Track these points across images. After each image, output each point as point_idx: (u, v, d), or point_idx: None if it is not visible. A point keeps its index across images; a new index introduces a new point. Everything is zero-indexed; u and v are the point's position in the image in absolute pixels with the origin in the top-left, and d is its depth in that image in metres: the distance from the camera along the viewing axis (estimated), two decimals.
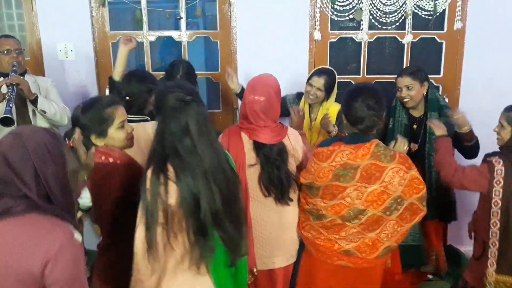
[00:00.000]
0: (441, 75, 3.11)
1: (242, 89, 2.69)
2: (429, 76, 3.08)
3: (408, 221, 1.82)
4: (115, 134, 1.66)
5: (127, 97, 1.94)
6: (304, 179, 1.91)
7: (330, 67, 2.77)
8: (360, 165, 1.75)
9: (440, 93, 3.11)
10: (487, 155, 2.07)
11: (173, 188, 1.38)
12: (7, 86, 2.31)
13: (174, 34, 3.13)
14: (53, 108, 2.50)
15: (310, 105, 2.71)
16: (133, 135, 1.74)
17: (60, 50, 3.00)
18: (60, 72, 3.02)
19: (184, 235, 1.40)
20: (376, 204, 1.75)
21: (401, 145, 2.02)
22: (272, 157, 1.98)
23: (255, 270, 2.06)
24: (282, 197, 2.01)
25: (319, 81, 2.60)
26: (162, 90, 1.49)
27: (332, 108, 2.65)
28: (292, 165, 2.04)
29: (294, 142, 2.03)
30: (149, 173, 1.40)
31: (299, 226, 2.02)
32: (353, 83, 3.12)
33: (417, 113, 2.54)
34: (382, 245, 1.82)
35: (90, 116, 1.64)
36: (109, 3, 3.02)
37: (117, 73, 2.47)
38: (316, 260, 1.93)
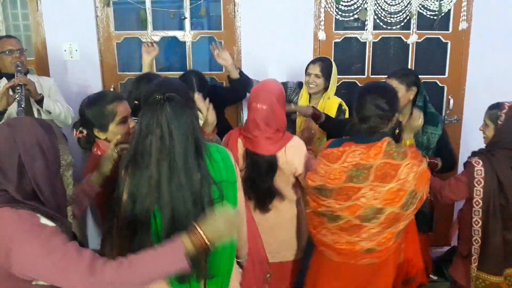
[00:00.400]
0: (446, 75, 3.09)
1: (241, 74, 2.70)
2: (433, 76, 3.10)
3: (417, 209, 1.84)
4: (116, 129, 1.73)
5: (136, 101, 1.98)
6: (313, 181, 1.85)
7: (324, 56, 2.80)
8: (373, 164, 1.72)
9: (445, 93, 3.10)
10: (473, 154, 2.11)
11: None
12: (15, 87, 2.30)
13: (178, 34, 3.13)
14: (58, 108, 2.50)
15: (310, 96, 2.72)
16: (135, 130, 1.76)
17: (65, 50, 3.01)
18: (64, 72, 3.03)
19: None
20: (394, 202, 1.74)
21: (416, 117, 2.04)
22: (256, 169, 2.00)
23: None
24: (260, 206, 2.07)
25: (315, 68, 2.62)
26: (148, 87, 1.43)
27: (333, 100, 2.66)
28: (282, 178, 2.06)
29: (291, 156, 2.01)
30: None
31: (312, 230, 1.96)
32: (358, 83, 3.12)
33: (401, 117, 2.49)
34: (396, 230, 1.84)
35: (93, 111, 1.73)
36: (113, 3, 3.03)
37: None
38: (331, 262, 1.90)
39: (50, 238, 1.16)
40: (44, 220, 1.19)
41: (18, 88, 2.29)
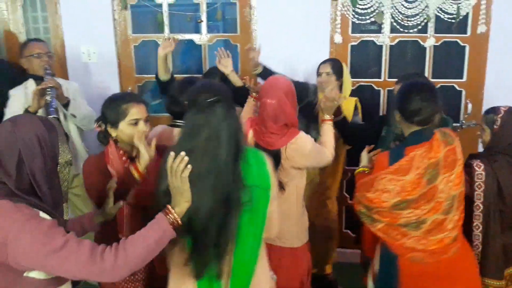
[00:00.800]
0: (464, 79, 3.06)
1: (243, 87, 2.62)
2: (451, 80, 3.07)
3: None
4: (125, 129, 1.77)
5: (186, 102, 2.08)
6: (386, 201, 1.79)
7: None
8: (440, 158, 1.76)
9: (463, 97, 3.07)
10: (471, 156, 2.09)
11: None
12: (45, 89, 2.33)
13: (194, 37, 3.15)
14: (82, 112, 2.54)
15: None
16: (147, 135, 1.81)
17: (83, 53, 3.06)
18: (83, 74, 3.07)
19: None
20: (460, 182, 1.80)
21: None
22: None
23: None
24: None
25: (326, 67, 2.67)
26: (194, 89, 1.47)
27: (349, 101, 2.69)
28: (282, 172, 2.06)
29: (290, 152, 2.02)
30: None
31: (394, 243, 1.85)
32: (374, 86, 3.10)
33: None
34: None
35: (109, 106, 1.79)
36: (131, 6, 3.07)
37: (161, 73, 2.61)
38: (425, 266, 1.84)
39: (49, 229, 1.20)
40: (42, 214, 1.24)
41: (49, 90, 2.31)
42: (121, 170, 1.74)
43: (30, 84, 2.56)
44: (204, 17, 3.09)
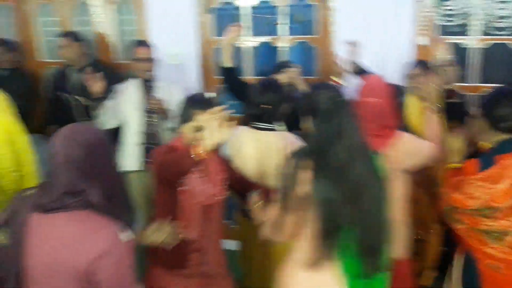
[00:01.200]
0: None
1: None
2: None
3: None
4: (188, 131, 1.81)
5: (263, 105, 2.13)
6: (468, 205, 1.78)
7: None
8: None
9: None
10: None
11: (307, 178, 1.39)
12: (148, 113, 2.50)
13: (274, 39, 3.18)
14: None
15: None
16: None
17: (167, 54, 3.18)
18: (167, 75, 3.18)
19: (311, 227, 1.39)
20: None
21: None
22: None
23: None
24: None
25: (417, 69, 2.61)
26: (312, 92, 1.50)
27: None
28: None
29: (393, 153, 1.92)
30: (290, 160, 1.44)
31: (478, 246, 1.82)
32: (462, 91, 2.98)
33: None
34: None
35: (184, 105, 1.86)
36: (214, 9, 3.16)
37: (225, 60, 2.61)
38: (502, 276, 1.80)
39: (123, 262, 1.20)
40: (122, 236, 1.22)
41: (152, 115, 2.52)
42: None
43: (131, 83, 2.74)
44: (283, 20, 3.11)
